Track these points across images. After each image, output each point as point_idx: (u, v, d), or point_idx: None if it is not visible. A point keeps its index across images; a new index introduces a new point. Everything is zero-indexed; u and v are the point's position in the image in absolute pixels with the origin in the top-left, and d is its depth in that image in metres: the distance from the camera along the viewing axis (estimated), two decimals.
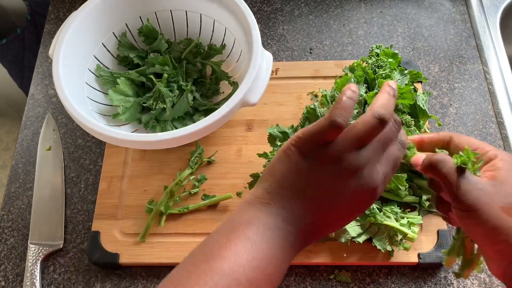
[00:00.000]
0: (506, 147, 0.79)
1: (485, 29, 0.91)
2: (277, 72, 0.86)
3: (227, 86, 0.81)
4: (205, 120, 0.64)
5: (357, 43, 0.91)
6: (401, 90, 0.67)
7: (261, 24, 0.95)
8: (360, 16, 0.95)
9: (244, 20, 0.71)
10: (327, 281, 0.70)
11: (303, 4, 0.97)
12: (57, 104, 0.89)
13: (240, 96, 0.65)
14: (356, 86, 0.42)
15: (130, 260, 0.71)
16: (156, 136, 0.63)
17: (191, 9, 0.80)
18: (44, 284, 0.72)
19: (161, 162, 0.79)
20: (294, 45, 0.92)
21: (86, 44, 0.75)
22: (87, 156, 0.83)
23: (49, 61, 0.94)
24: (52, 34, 0.98)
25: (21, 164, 0.83)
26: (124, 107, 0.75)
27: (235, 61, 0.81)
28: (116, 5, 0.77)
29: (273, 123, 0.79)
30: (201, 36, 0.83)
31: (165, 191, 0.74)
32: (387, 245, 0.65)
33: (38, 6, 1.20)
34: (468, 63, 0.88)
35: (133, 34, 0.82)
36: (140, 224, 0.73)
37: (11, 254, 0.75)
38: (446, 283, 0.69)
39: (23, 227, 0.77)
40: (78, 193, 0.79)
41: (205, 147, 0.79)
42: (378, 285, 0.69)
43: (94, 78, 0.77)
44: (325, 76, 0.85)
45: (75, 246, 0.75)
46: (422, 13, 0.94)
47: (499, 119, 0.82)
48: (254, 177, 0.71)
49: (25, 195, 0.80)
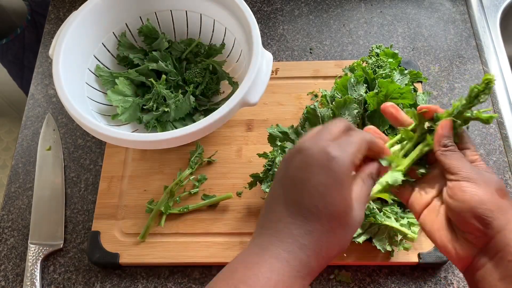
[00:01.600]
0: (506, 147, 0.79)
1: (485, 29, 0.91)
2: (277, 72, 0.86)
3: (227, 86, 0.81)
4: (205, 120, 0.64)
5: (357, 43, 0.91)
6: (401, 90, 0.67)
7: (261, 24, 0.95)
8: (360, 16, 0.95)
9: (244, 20, 0.71)
10: (327, 281, 0.70)
11: (303, 4, 0.97)
12: (57, 104, 0.89)
13: (240, 96, 0.65)
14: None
15: (130, 260, 0.71)
16: (156, 136, 0.63)
17: (191, 9, 0.80)
18: (44, 284, 0.72)
19: (161, 162, 0.79)
20: (294, 45, 0.92)
21: (86, 44, 0.75)
22: (87, 156, 0.83)
23: (49, 61, 0.94)
24: (52, 34, 0.98)
25: (21, 164, 0.83)
26: (123, 107, 0.75)
27: (235, 61, 0.81)
28: (116, 5, 0.77)
29: (273, 123, 0.79)
30: (201, 36, 0.83)
31: (165, 191, 0.74)
32: (387, 245, 0.65)
33: (38, 6, 1.20)
34: (468, 63, 0.88)
35: (133, 34, 0.82)
36: (140, 224, 0.73)
37: (11, 254, 0.75)
38: (446, 283, 0.69)
39: (23, 227, 0.77)
40: (78, 193, 0.79)
41: (205, 147, 0.79)
42: (378, 285, 0.69)
43: (94, 78, 0.77)
44: (325, 76, 0.85)
45: (75, 246, 0.75)
46: (422, 13, 0.94)
47: (499, 119, 0.82)
48: (254, 177, 0.71)
49: (25, 195, 0.80)
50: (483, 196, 0.42)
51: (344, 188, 0.39)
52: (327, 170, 0.38)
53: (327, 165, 0.39)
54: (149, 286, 0.71)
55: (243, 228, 0.72)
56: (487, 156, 0.78)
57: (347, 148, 0.40)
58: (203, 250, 0.71)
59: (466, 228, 0.42)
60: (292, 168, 0.40)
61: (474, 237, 0.42)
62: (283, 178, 0.41)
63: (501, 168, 0.77)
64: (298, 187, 0.39)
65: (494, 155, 0.78)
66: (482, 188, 0.42)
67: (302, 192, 0.39)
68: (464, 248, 0.43)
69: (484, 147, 0.79)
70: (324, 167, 0.39)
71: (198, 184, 0.76)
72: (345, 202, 0.39)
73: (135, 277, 0.72)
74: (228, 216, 0.73)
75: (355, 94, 0.70)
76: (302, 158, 0.40)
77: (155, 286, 0.71)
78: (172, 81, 0.79)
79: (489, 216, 0.41)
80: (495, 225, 0.41)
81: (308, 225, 0.38)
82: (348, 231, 0.40)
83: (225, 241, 0.71)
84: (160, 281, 0.71)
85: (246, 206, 0.74)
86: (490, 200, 0.41)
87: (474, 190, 0.42)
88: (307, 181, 0.39)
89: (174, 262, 0.71)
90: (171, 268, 0.72)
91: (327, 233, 0.39)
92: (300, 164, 0.40)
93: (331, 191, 0.38)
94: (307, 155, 0.40)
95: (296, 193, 0.39)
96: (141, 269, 0.72)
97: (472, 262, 0.43)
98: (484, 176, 0.43)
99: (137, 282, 0.72)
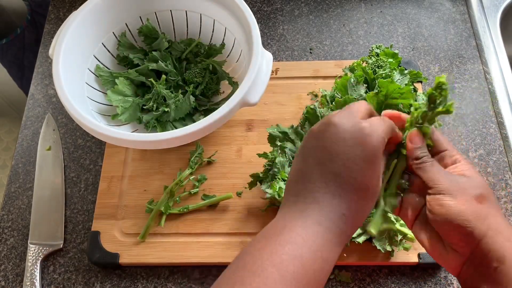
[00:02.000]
0: (506, 147, 0.79)
1: (485, 29, 0.91)
2: (277, 72, 0.86)
3: (227, 86, 0.81)
4: (205, 120, 0.64)
5: (357, 43, 0.91)
6: (401, 90, 0.67)
7: (261, 24, 0.95)
8: (360, 16, 0.95)
9: (244, 20, 0.71)
10: (327, 281, 0.70)
11: (303, 4, 0.97)
12: (57, 104, 0.88)
13: (240, 96, 0.65)
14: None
15: (130, 260, 0.71)
16: (156, 136, 0.63)
17: (191, 9, 0.80)
18: (44, 284, 0.72)
19: (161, 162, 0.79)
20: (294, 45, 0.92)
21: (86, 44, 0.75)
22: (87, 156, 0.83)
23: (49, 61, 0.94)
24: (52, 34, 0.98)
25: (21, 164, 0.83)
26: (123, 107, 0.75)
27: (235, 61, 0.81)
28: (116, 5, 0.77)
29: (273, 123, 0.79)
30: (201, 36, 0.83)
31: (165, 191, 0.74)
32: (387, 245, 0.65)
33: (38, 6, 1.20)
34: (468, 63, 0.88)
35: (133, 34, 0.82)
36: (140, 224, 0.73)
37: (11, 254, 0.75)
38: (446, 283, 0.69)
39: (23, 227, 0.77)
40: (78, 193, 0.79)
41: (205, 147, 0.79)
42: (378, 285, 0.69)
43: (94, 78, 0.77)
44: (325, 76, 0.85)
45: (75, 246, 0.75)
46: (422, 13, 0.94)
47: (499, 119, 0.82)
48: (254, 177, 0.71)
49: (25, 195, 0.80)
50: (460, 207, 0.41)
51: (377, 164, 0.41)
52: (363, 145, 0.41)
53: (363, 141, 0.41)
54: (149, 286, 0.71)
55: (243, 228, 0.72)
56: (487, 156, 0.78)
57: (379, 128, 0.42)
58: (203, 250, 0.71)
59: (449, 239, 0.43)
60: (325, 140, 0.42)
61: (458, 247, 0.42)
62: (315, 149, 0.43)
63: (501, 168, 0.77)
64: (335, 159, 0.41)
65: (494, 155, 0.78)
66: (459, 199, 0.42)
67: (340, 164, 0.41)
68: (452, 257, 0.43)
69: (484, 147, 0.79)
70: (360, 143, 0.41)
71: (198, 184, 0.76)
72: (377, 176, 0.41)
73: (135, 277, 0.72)
74: (228, 216, 0.73)
75: (355, 94, 0.70)
76: (336, 131, 0.42)
77: (155, 286, 0.71)
78: (172, 81, 0.79)
79: (468, 226, 0.41)
80: (476, 233, 0.41)
81: (347, 196, 0.41)
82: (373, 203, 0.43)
83: (225, 241, 0.71)
84: (160, 281, 0.71)
85: (246, 206, 0.74)
86: (468, 209, 0.41)
87: (450, 203, 0.42)
88: (345, 154, 0.41)
89: (174, 262, 0.71)
90: (171, 268, 0.72)
91: (361, 204, 0.41)
92: (334, 137, 0.41)
93: (368, 164, 0.41)
94: (341, 130, 0.41)
95: (333, 165, 0.41)
96: (141, 269, 0.72)
97: (461, 270, 0.43)
98: (459, 184, 0.43)
99: (137, 282, 0.72)
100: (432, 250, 0.44)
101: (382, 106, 0.69)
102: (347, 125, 0.41)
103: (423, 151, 0.45)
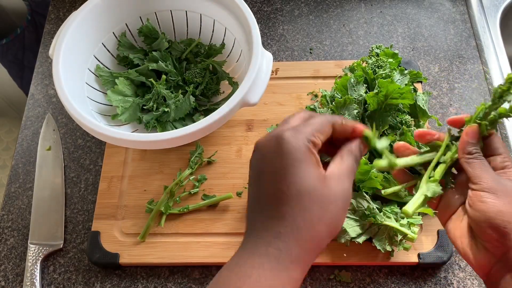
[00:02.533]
0: (506, 147, 0.79)
1: (485, 29, 0.91)
2: (277, 72, 0.86)
3: (227, 86, 0.81)
4: (205, 120, 0.64)
5: (357, 43, 0.91)
6: (401, 90, 0.67)
7: (261, 24, 0.95)
8: (360, 16, 0.95)
9: (244, 20, 0.71)
10: (327, 281, 0.70)
11: (303, 4, 0.97)
12: (57, 104, 0.89)
13: (240, 96, 0.65)
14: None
15: (130, 260, 0.71)
16: (156, 136, 0.63)
17: (191, 9, 0.80)
18: (44, 284, 0.72)
19: (161, 162, 0.79)
20: (294, 45, 0.92)
21: (86, 44, 0.75)
22: (87, 156, 0.83)
23: (49, 61, 0.94)
24: (52, 34, 0.98)
25: (21, 164, 0.83)
26: (123, 107, 0.75)
27: (235, 61, 0.81)
28: (116, 5, 0.77)
29: (273, 123, 0.79)
30: (201, 36, 0.83)
31: (165, 191, 0.74)
32: (387, 245, 0.65)
33: (38, 6, 1.20)
34: (468, 63, 0.88)
35: (133, 34, 0.82)
36: (140, 224, 0.73)
37: (11, 254, 0.75)
38: (446, 283, 0.69)
39: (23, 227, 0.77)
40: (78, 193, 0.79)
41: (205, 147, 0.79)
42: (378, 285, 0.69)
43: (94, 78, 0.77)
44: (325, 76, 0.85)
45: (75, 246, 0.75)
46: (422, 13, 0.94)
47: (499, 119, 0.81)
48: None
49: (25, 195, 0.80)
50: (501, 207, 0.41)
51: (305, 165, 0.38)
52: (280, 153, 0.39)
53: (279, 149, 0.39)
54: (149, 286, 0.71)
55: (243, 228, 0.72)
56: None
57: (303, 129, 0.40)
58: (203, 250, 0.71)
59: (484, 237, 0.42)
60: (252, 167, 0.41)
61: (492, 246, 0.42)
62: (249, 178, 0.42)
63: None
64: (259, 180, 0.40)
65: None
66: (502, 199, 0.42)
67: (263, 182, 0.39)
68: (483, 256, 0.43)
69: None
70: (276, 151, 0.39)
71: (198, 184, 0.76)
72: (310, 177, 0.38)
73: (135, 277, 0.72)
74: (228, 216, 0.73)
75: (355, 94, 0.70)
76: (258, 153, 0.41)
77: (155, 286, 0.71)
78: (172, 81, 0.79)
79: (506, 227, 0.41)
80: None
81: (278, 211, 0.38)
82: (329, 205, 0.38)
83: (225, 241, 0.71)
84: (160, 281, 0.71)
85: (246, 206, 0.74)
86: (509, 211, 0.41)
87: (493, 201, 0.42)
88: (265, 171, 0.39)
89: (174, 262, 0.71)
90: (171, 268, 0.72)
91: (301, 213, 0.37)
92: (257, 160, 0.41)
93: (290, 170, 0.38)
94: (261, 148, 0.41)
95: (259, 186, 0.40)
96: (141, 269, 0.72)
97: (491, 271, 0.43)
98: (505, 187, 0.43)
99: (137, 282, 0.72)
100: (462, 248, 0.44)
101: (382, 106, 0.69)
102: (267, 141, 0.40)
103: (476, 148, 0.45)
